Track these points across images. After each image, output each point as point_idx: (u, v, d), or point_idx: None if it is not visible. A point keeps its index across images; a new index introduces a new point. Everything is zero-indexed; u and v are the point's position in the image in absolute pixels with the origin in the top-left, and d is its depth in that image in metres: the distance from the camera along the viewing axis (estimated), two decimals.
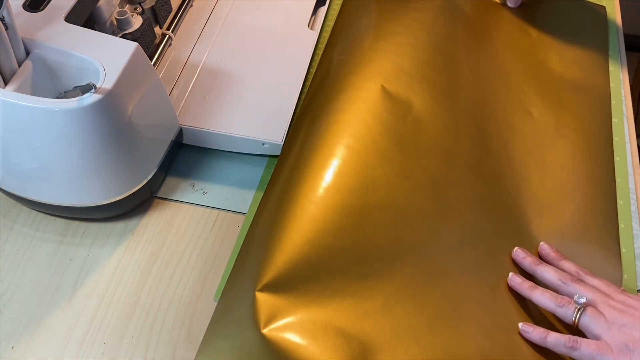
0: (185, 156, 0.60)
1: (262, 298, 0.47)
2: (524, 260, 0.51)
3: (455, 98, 0.61)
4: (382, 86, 0.59)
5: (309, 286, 0.48)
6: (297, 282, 0.48)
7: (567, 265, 0.50)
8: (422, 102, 0.59)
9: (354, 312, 0.47)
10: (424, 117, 0.58)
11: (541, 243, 0.53)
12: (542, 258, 0.52)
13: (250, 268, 0.49)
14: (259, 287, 0.47)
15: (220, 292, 0.49)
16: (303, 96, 0.64)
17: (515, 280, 0.50)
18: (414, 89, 0.60)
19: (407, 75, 0.61)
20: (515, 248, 0.52)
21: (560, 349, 0.45)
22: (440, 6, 0.70)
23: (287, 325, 0.46)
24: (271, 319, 0.46)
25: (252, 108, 0.59)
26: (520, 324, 0.48)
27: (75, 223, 0.55)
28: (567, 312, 0.46)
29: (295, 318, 0.46)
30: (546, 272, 0.49)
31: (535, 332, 0.47)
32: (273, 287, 0.47)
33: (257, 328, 0.46)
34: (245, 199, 0.57)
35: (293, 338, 0.46)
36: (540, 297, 0.48)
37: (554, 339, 0.46)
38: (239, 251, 0.51)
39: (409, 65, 0.62)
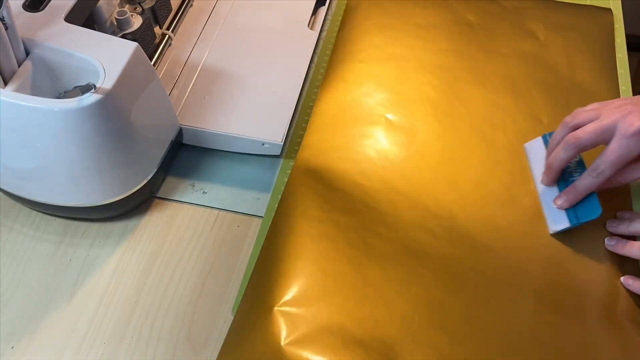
0: (185, 156, 0.60)
1: (282, 312, 0.47)
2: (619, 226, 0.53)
3: (461, 115, 0.61)
4: (386, 118, 0.61)
5: (328, 300, 0.48)
6: (316, 296, 0.48)
7: None
8: (427, 127, 0.60)
9: (373, 325, 0.48)
10: (429, 142, 0.59)
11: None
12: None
13: (268, 283, 0.49)
14: (278, 303, 0.48)
15: (237, 305, 0.49)
16: (303, 95, 0.64)
17: (611, 242, 0.53)
18: (418, 114, 0.61)
19: (410, 102, 0.62)
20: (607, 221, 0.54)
21: None
22: (444, 19, 0.70)
23: (307, 339, 0.46)
24: (290, 332, 0.46)
25: (252, 108, 0.59)
26: (622, 278, 0.50)
27: (75, 223, 0.55)
28: None
29: (315, 331, 0.47)
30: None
31: (636, 284, 0.50)
32: (292, 302, 0.48)
33: (276, 342, 0.46)
34: (245, 199, 0.57)
35: (313, 351, 0.46)
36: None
37: None
38: (256, 265, 0.51)
39: (412, 90, 0.63)
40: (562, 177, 0.55)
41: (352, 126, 0.60)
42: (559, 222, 0.53)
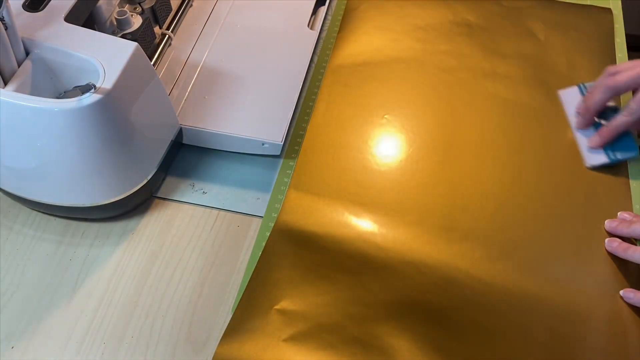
0: (185, 156, 0.60)
1: (280, 311, 0.48)
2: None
3: (461, 116, 0.61)
4: (386, 119, 0.61)
5: (326, 301, 0.49)
6: (314, 298, 0.49)
7: None
8: (427, 128, 0.60)
9: (371, 323, 0.48)
10: (429, 143, 0.59)
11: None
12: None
13: (267, 287, 0.50)
14: (277, 304, 0.48)
15: (237, 303, 0.50)
16: (303, 95, 0.64)
17: (612, 244, 0.52)
18: (418, 116, 0.61)
19: (410, 103, 0.62)
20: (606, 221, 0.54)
21: None
22: (444, 20, 0.70)
23: (305, 336, 0.47)
24: (289, 329, 0.47)
25: (252, 108, 0.59)
26: (621, 291, 0.50)
27: (75, 223, 0.55)
28: None
29: (314, 329, 0.47)
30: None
31: (637, 297, 0.49)
32: (291, 304, 0.48)
33: (274, 337, 0.46)
34: (245, 199, 0.57)
35: (311, 347, 0.46)
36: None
37: None
38: (254, 271, 0.51)
39: (412, 91, 0.63)
40: (598, 124, 0.58)
41: (352, 128, 0.60)
42: (596, 157, 0.56)
